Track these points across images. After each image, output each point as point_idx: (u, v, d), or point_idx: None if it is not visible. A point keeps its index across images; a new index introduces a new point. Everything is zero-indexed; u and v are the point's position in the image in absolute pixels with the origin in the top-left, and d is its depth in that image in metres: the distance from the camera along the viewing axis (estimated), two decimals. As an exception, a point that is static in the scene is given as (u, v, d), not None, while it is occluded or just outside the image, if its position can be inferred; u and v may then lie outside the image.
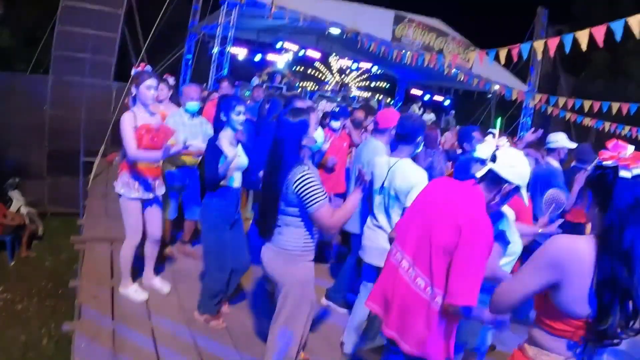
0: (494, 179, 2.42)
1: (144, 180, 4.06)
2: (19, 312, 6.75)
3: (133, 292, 4.29)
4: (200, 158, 4.15)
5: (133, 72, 4.11)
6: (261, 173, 3.25)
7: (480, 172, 2.47)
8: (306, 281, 3.04)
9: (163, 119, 4.47)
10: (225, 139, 3.77)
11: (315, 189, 2.80)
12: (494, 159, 2.44)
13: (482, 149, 3.12)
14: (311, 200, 2.80)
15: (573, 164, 5.53)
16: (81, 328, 3.70)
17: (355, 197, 2.88)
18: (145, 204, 4.20)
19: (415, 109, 16.45)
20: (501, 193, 2.42)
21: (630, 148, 1.81)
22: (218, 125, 3.85)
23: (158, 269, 4.71)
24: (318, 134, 3.13)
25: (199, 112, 5.19)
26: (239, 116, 3.81)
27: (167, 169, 4.82)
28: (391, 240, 2.91)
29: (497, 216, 2.72)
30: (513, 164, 2.40)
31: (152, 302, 4.27)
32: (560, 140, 5.08)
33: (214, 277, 3.96)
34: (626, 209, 1.75)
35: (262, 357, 3.22)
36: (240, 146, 3.92)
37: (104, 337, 3.61)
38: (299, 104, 4.55)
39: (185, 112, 4.91)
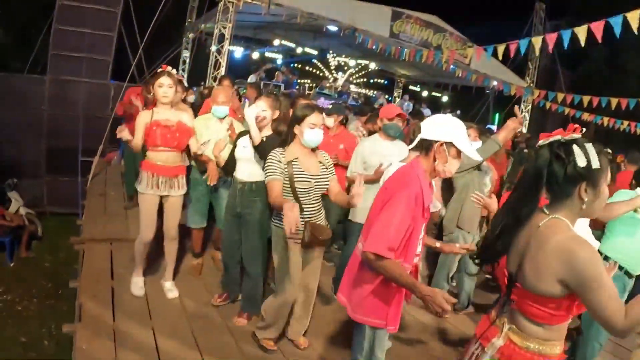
0: (425, 146, 2.52)
1: (157, 177, 4.09)
2: (19, 313, 6.75)
3: (133, 283, 4.39)
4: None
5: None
6: None
7: (412, 144, 2.64)
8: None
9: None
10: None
11: (270, 165, 3.28)
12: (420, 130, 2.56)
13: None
14: (265, 173, 3.30)
15: None
16: (82, 329, 3.69)
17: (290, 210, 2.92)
18: (165, 201, 4.25)
19: (402, 103, 16.45)
20: (439, 154, 2.46)
21: None
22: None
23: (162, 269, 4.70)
24: (316, 135, 3.32)
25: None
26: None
27: (194, 175, 4.76)
28: None
29: None
30: (433, 122, 2.52)
31: (152, 301, 4.26)
32: None
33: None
34: None
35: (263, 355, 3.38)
36: (247, 138, 3.90)
37: (105, 338, 3.60)
38: (303, 102, 4.52)
39: (212, 116, 4.71)
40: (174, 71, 4.16)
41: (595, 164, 1.77)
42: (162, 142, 4.00)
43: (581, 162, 1.77)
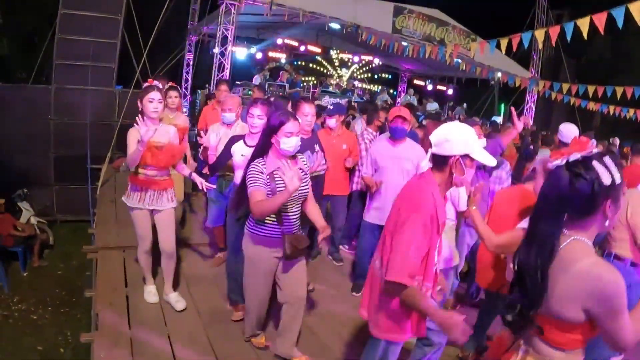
0: (439, 161, 2.43)
1: (145, 191, 4.09)
2: (34, 322, 6.82)
3: (146, 292, 4.40)
4: None
5: (144, 86, 4.20)
6: None
7: (424, 162, 2.49)
8: (252, 260, 3.42)
9: (179, 131, 4.45)
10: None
11: (252, 175, 3.17)
12: (431, 144, 2.46)
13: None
14: (248, 183, 3.17)
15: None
16: (100, 338, 3.73)
17: (282, 196, 3.01)
18: (155, 215, 4.22)
19: (409, 99, 16.46)
20: (455, 168, 2.40)
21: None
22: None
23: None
24: (293, 143, 3.23)
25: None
26: (252, 119, 3.87)
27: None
28: None
29: None
30: (445, 137, 2.39)
31: (167, 308, 4.29)
32: (572, 134, 4.95)
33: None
34: None
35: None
36: (242, 144, 3.95)
37: (122, 346, 3.64)
38: (307, 107, 4.55)
39: (222, 124, 4.81)
40: (160, 85, 4.19)
41: (618, 179, 1.71)
42: (152, 162, 4.01)
43: (606, 179, 1.69)
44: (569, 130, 4.96)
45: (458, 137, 2.38)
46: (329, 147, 5.06)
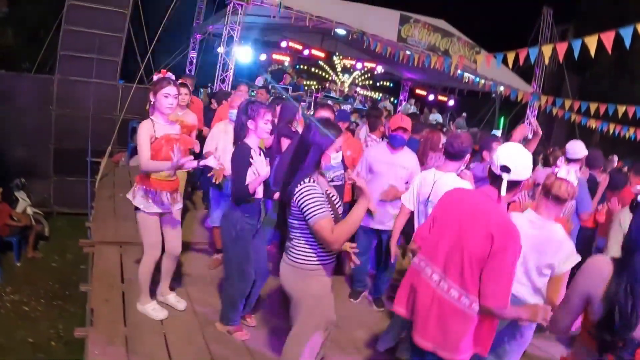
0: (512, 184, 2.51)
1: (160, 194, 3.87)
2: (26, 313, 6.76)
3: (151, 310, 4.08)
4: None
5: (154, 77, 3.92)
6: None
7: (503, 189, 2.49)
8: (318, 296, 2.91)
9: (183, 128, 4.31)
10: (256, 154, 3.54)
11: (314, 201, 2.69)
12: (507, 170, 2.47)
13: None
14: (309, 212, 2.69)
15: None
16: (94, 334, 3.70)
17: (360, 209, 2.78)
18: (164, 218, 4.02)
19: (409, 107, 16.48)
20: (522, 188, 2.60)
21: None
22: (241, 132, 3.66)
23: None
24: (337, 156, 2.89)
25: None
26: (267, 125, 3.64)
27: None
28: (413, 253, 2.95)
29: None
30: (524, 164, 2.49)
31: (163, 307, 4.25)
32: (580, 151, 5.02)
33: (236, 287, 3.85)
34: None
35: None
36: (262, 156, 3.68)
37: (117, 343, 3.61)
38: (327, 113, 4.55)
39: (230, 122, 4.64)
40: (173, 76, 3.93)
41: None
42: (166, 158, 3.69)
43: None
44: (577, 148, 5.04)
45: (527, 160, 2.52)
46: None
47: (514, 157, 2.48)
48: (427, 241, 2.75)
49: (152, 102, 3.80)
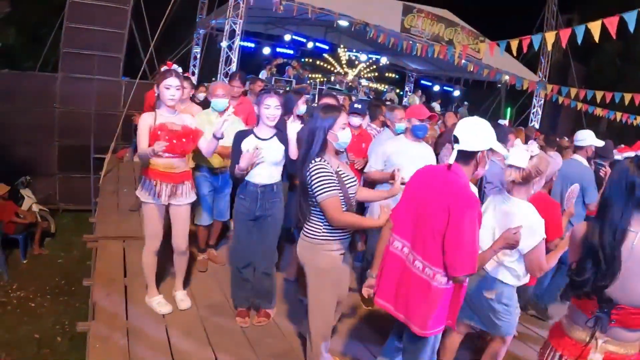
0: (466, 155, 2.57)
1: (158, 185, 3.80)
2: (32, 309, 6.82)
3: (156, 303, 4.08)
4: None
5: (161, 70, 3.92)
6: None
7: (452, 158, 2.56)
8: (326, 270, 3.01)
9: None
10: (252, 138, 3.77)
11: (324, 179, 2.84)
12: (456, 140, 2.55)
13: (517, 158, 3.00)
14: (318, 190, 2.85)
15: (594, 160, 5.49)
16: (96, 327, 3.70)
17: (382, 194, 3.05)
18: (171, 212, 3.98)
19: (415, 99, 16.39)
20: (481, 161, 2.62)
21: None
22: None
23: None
24: (346, 134, 3.00)
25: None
26: (268, 109, 3.72)
27: (195, 174, 4.56)
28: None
29: None
30: (474, 133, 2.55)
31: (169, 302, 4.24)
32: (588, 138, 5.00)
33: (231, 271, 4.13)
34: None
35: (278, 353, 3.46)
36: (275, 139, 3.82)
37: (119, 336, 3.61)
38: (329, 100, 4.56)
39: (212, 111, 4.65)
40: (180, 69, 3.93)
41: None
42: (168, 149, 3.65)
43: None
44: (582, 135, 5.07)
45: (483, 131, 2.57)
46: (350, 145, 4.96)
47: (465, 128, 2.56)
48: (399, 216, 2.81)
49: (157, 94, 3.84)
